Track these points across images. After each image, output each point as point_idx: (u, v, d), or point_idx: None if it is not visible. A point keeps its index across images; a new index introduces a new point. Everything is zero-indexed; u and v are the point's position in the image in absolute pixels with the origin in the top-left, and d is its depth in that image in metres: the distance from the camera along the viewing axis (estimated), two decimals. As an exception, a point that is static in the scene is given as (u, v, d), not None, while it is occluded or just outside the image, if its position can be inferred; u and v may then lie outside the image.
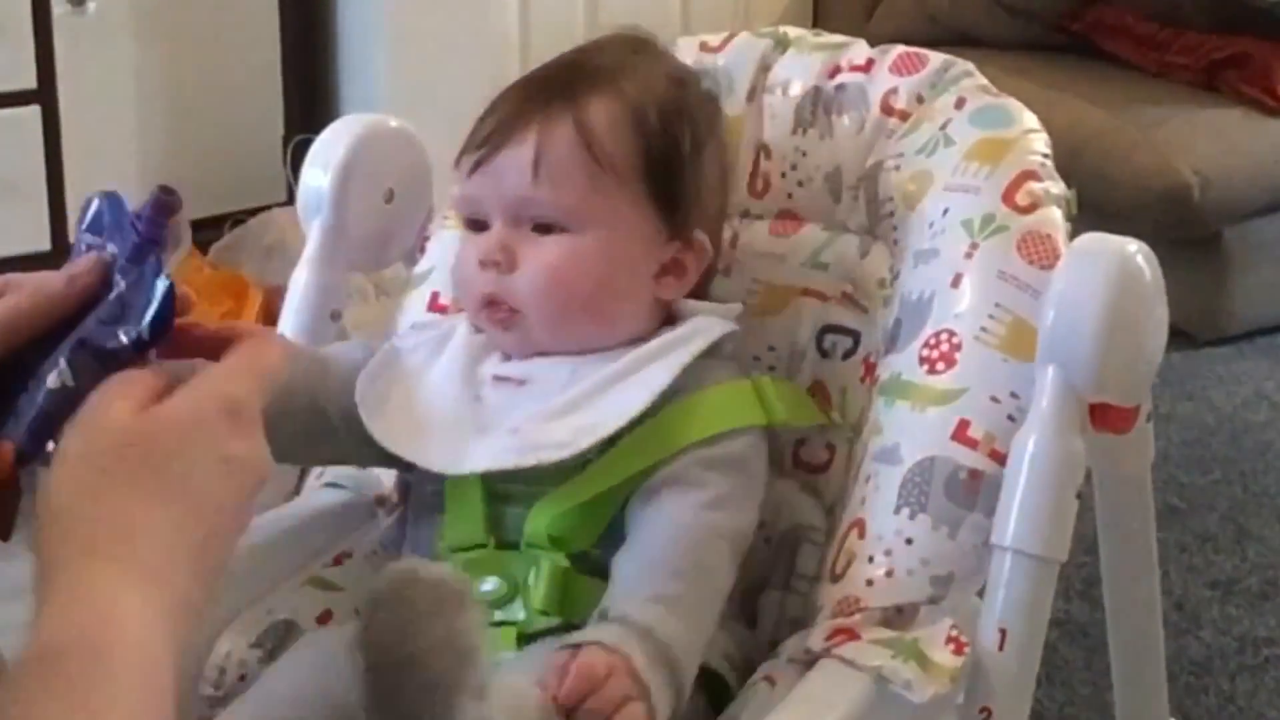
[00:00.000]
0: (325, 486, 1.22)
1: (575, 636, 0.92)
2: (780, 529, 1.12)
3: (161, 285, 0.80)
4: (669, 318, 1.10)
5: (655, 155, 1.07)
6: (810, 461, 1.15)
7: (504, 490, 1.03)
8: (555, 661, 0.90)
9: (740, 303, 1.14)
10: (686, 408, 1.03)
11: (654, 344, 1.06)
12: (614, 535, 1.01)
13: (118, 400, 0.74)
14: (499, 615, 1.00)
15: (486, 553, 1.02)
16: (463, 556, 1.03)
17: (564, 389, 1.04)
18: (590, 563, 1.01)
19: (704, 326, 1.08)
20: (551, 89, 1.07)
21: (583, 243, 1.05)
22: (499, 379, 1.07)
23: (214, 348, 0.81)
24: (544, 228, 1.05)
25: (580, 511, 1.01)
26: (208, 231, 2.48)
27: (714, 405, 1.04)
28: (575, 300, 1.05)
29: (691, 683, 0.94)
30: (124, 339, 0.79)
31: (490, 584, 1.00)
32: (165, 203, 0.83)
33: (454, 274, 1.12)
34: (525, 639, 1.00)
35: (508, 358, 1.08)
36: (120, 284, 0.82)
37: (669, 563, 0.97)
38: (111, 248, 0.84)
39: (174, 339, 0.81)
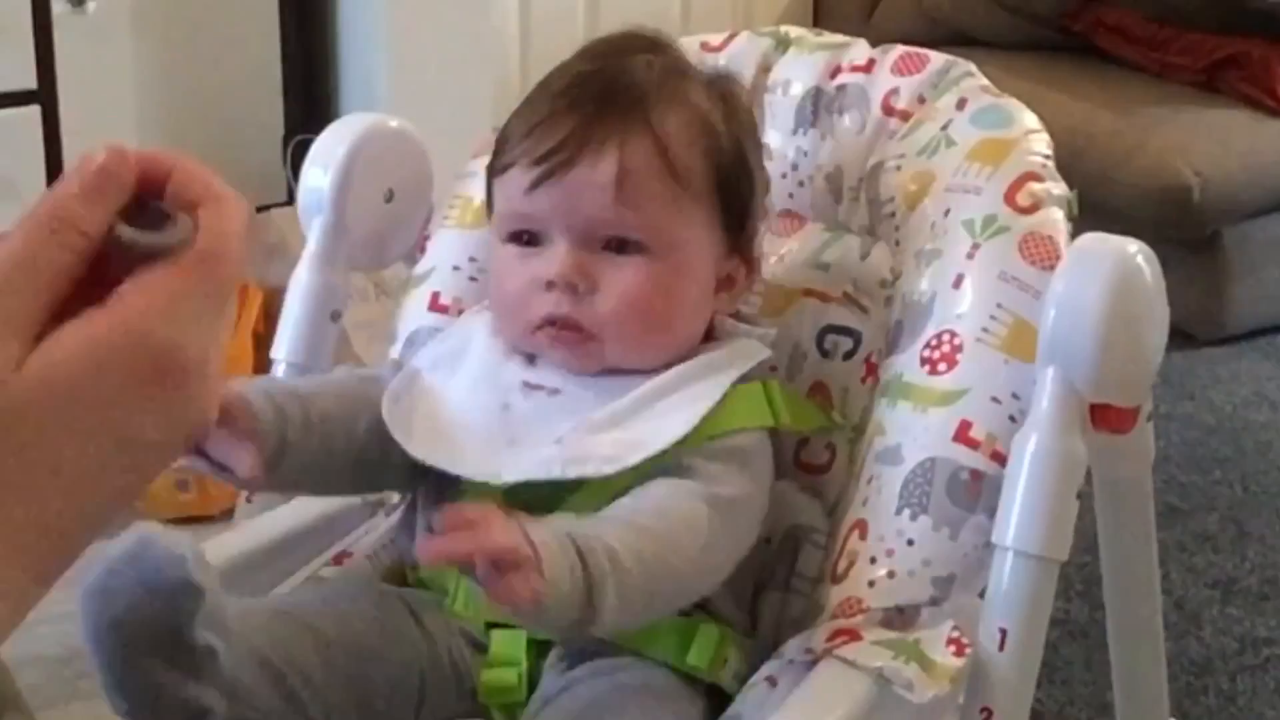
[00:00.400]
0: (325, 487, 1.22)
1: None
2: (781, 529, 1.11)
3: None
4: (706, 333, 1.08)
5: (726, 170, 1.04)
6: (811, 462, 1.15)
7: (525, 496, 1.00)
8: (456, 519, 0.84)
9: (773, 329, 1.11)
10: None
11: (696, 363, 1.04)
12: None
13: None
14: (508, 619, 1.00)
15: None
16: None
17: (601, 402, 1.02)
18: None
19: (744, 350, 1.06)
20: (618, 101, 1.01)
21: (663, 264, 1.01)
22: (530, 386, 1.04)
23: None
24: (618, 246, 1.01)
25: (591, 494, 0.99)
26: (208, 231, 2.48)
27: (730, 404, 1.03)
28: (656, 323, 1.02)
29: (610, 588, 0.88)
30: None
31: None
32: None
33: (497, 290, 1.07)
34: (537, 646, 1.01)
35: (531, 362, 1.05)
36: None
37: (635, 520, 0.93)
38: None
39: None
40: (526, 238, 1.04)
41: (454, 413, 1.05)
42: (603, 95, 1.02)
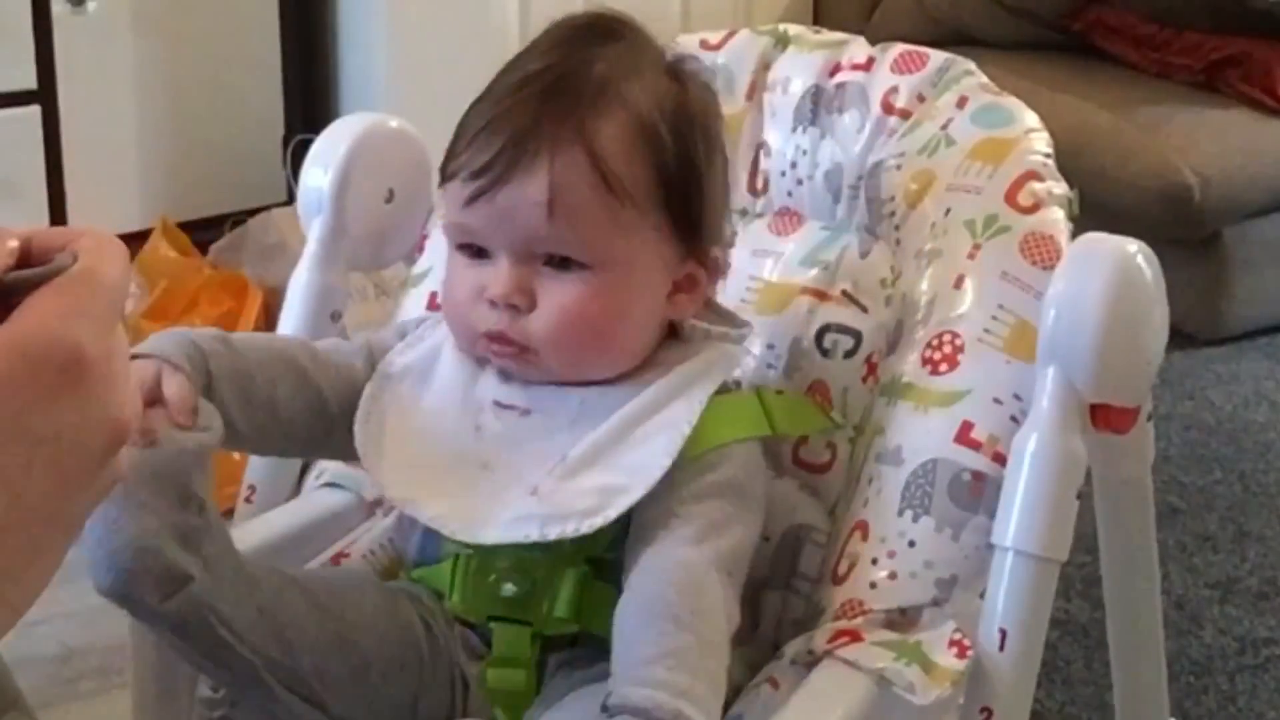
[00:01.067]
0: (324, 487, 1.22)
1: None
2: (781, 529, 1.11)
3: None
4: (672, 329, 1.06)
5: (671, 176, 1.01)
6: (811, 461, 1.15)
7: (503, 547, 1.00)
8: None
9: (750, 323, 1.10)
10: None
11: (671, 379, 1.02)
12: (622, 542, 1.00)
13: None
14: (515, 613, 1.00)
15: (506, 552, 1.02)
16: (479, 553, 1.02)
17: (573, 423, 1.01)
18: (608, 567, 0.99)
19: (720, 360, 1.05)
20: (554, 109, 0.99)
21: (603, 279, 0.99)
22: (500, 406, 1.03)
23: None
24: (560, 262, 0.99)
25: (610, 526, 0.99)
26: (208, 231, 2.48)
27: (719, 417, 1.02)
28: (595, 338, 1.00)
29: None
30: None
31: (511, 584, 1.00)
32: None
33: (447, 296, 1.06)
34: (541, 641, 1.00)
35: (507, 376, 1.04)
36: None
37: (669, 612, 0.91)
38: None
39: None
40: (473, 250, 1.02)
41: (423, 432, 1.04)
42: (541, 101, 0.99)
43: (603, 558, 1.00)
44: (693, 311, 1.06)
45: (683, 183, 1.02)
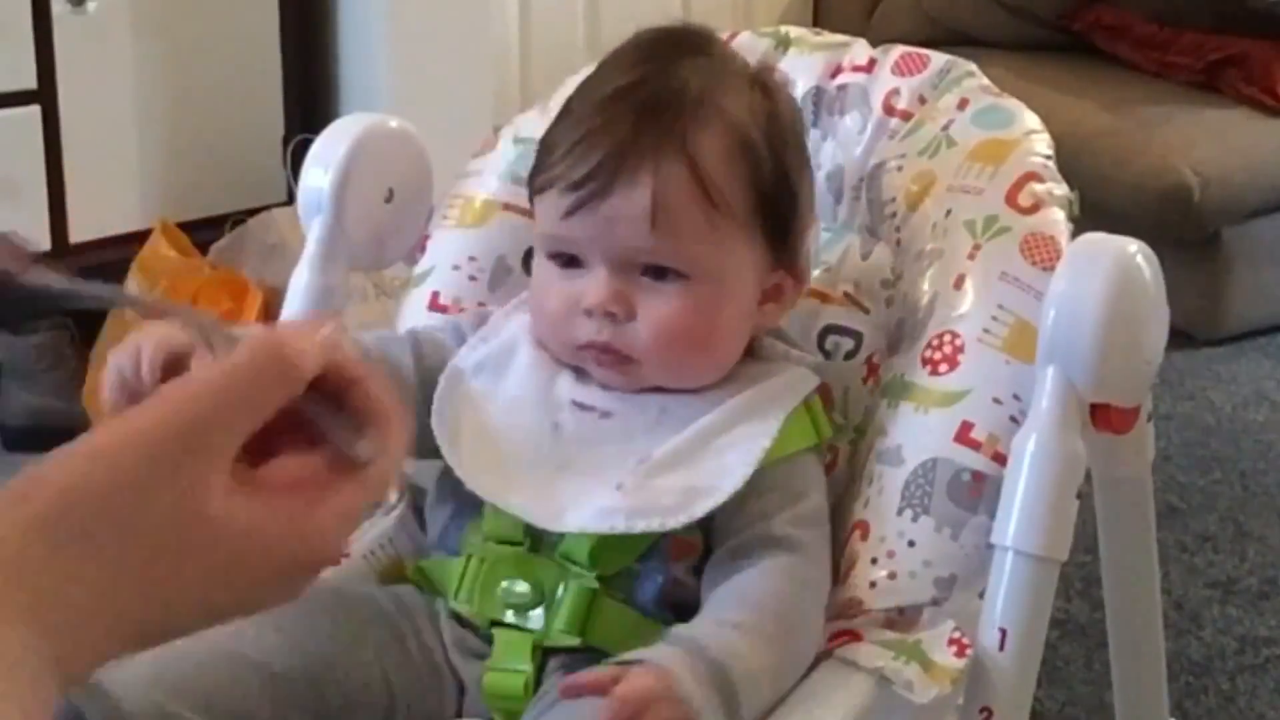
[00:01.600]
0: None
1: (630, 655, 0.90)
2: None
3: None
4: (748, 348, 1.07)
5: (768, 188, 1.03)
6: (813, 462, 1.15)
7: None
8: (601, 681, 0.88)
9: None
10: None
11: (752, 395, 1.04)
12: (655, 553, 1.00)
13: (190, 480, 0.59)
14: (519, 622, 1.00)
15: (519, 553, 1.01)
16: (495, 550, 1.02)
17: (652, 429, 1.02)
18: (622, 585, 1.00)
19: (797, 380, 1.06)
20: (653, 122, 1.00)
21: (703, 290, 1.01)
22: (579, 406, 1.04)
23: None
24: (657, 272, 1.01)
25: (629, 537, 0.99)
26: (208, 231, 2.48)
27: (779, 436, 1.03)
28: (695, 347, 1.02)
29: (755, 709, 0.92)
30: None
31: (521, 588, 1.00)
32: None
33: (539, 306, 1.06)
34: (541, 652, 1.00)
35: (580, 376, 1.05)
36: None
37: (760, 599, 0.95)
38: None
39: None
40: (566, 259, 1.04)
41: (501, 428, 1.04)
42: (640, 114, 1.00)
43: (621, 573, 1.00)
44: (780, 320, 1.09)
45: (777, 194, 1.04)
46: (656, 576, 1.00)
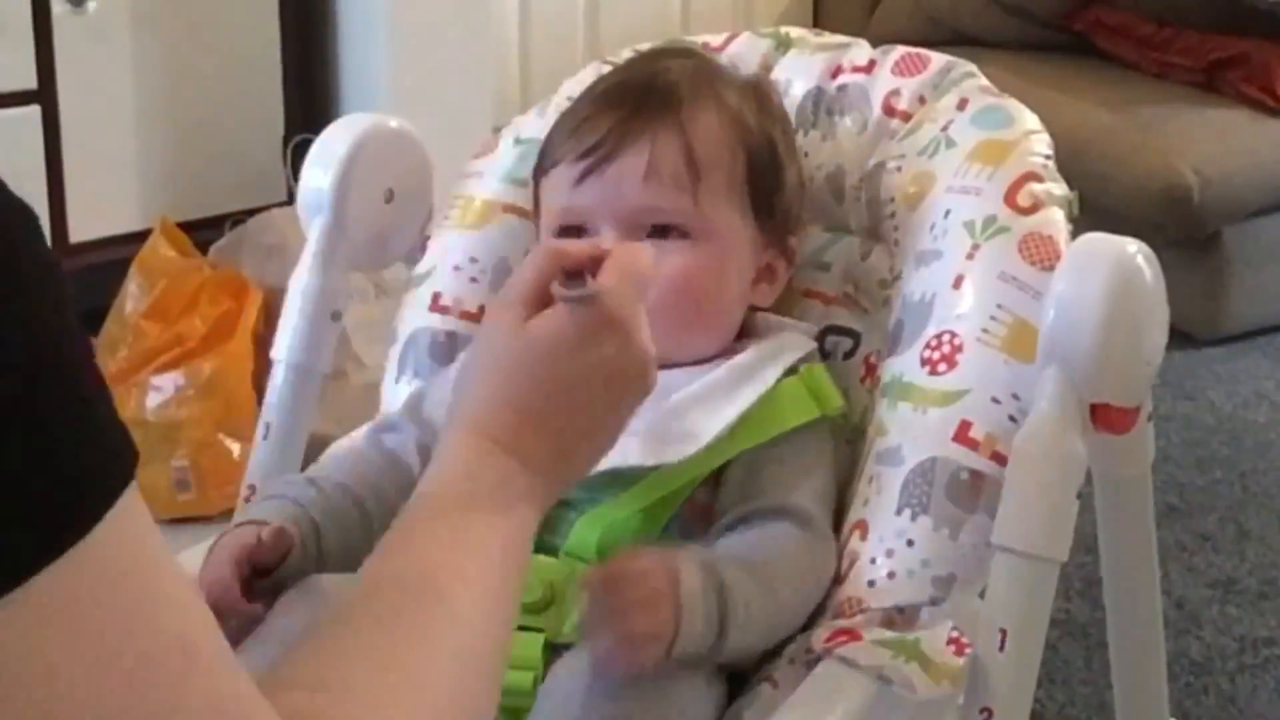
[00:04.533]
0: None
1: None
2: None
3: None
4: (744, 329, 1.11)
5: (756, 162, 1.10)
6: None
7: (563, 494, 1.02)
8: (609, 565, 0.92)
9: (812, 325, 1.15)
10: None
11: (747, 356, 1.07)
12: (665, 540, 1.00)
13: (495, 318, 0.87)
14: (530, 621, 1.00)
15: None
16: None
17: (657, 401, 1.02)
18: None
19: (790, 343, 1.10)
20: (654, 99, 1.08)
21: (705, 249, 1.06)
22: None
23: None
24: (661, 232, 1.06)
25: (635, 519, 1.00)
26: (208, 231, 2.48)
27: (777, 403, 1.05)
28: (696, 308, 1.06)
29: (742, 637, 0.95)
30: None
31: (534, 592, 1.00)
32: None
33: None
34: (551, 649, 1.00)
35: None
36: None
37: (760, 550, 0.98)
38: None
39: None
40: (574, 232, 1.08)
41: None
42: (639, 95, 1.09)
43: None
44: (772, 300, 1.13)
45: (766, 169, 1.11)
46: None
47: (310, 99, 2.68)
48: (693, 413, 1.03)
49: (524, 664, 1.00)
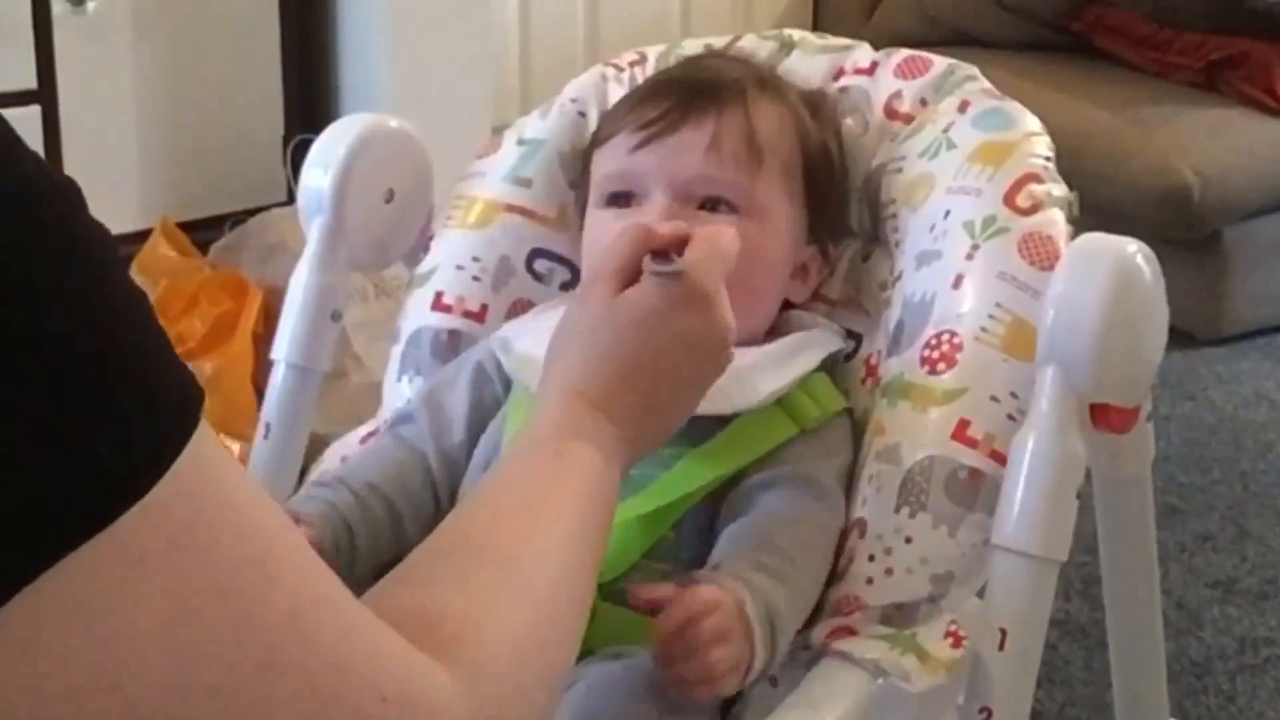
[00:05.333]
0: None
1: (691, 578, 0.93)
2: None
3: None
4: (775, 326, 1.12)
5: (811, 157, 1.13)
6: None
7: None
8: (666, 591, 0.91)
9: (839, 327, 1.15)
10: (756, 419, 1.05)
11: (782, 344, 1.08)
12: (662, 549, 1.00)
13: (587, 291, 0.93)
14: None
15: None
16: None
17: None
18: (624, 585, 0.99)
19: (823, 338, 1.11)
20: (719, 88, 1.11)
21: (752, 226, 1.07)
22: None
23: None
24: (711, 206, 1.08)
25: (639, 523, 1.00)
26: (208, 231, 2.48)
27: (813, 393, 1.07)
28: (742, 281, 1.03)
29: (784, 649, 0.95)
30: None
31: None
32: None
33: (592, 250, 1.11)
34: None
35: None
36: None
37: (775, 541, 0.98)
38: None
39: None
40: (624, 199, 1.10)
41: None
42: (705, 83, 1.12)
43: (625, 573, 0.99)
44: (804, 298, 1.15)
45: (819, 167, 1.14)
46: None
47: (310, 99, 2.68)
48: (752, 376, 1.04)
49: None
